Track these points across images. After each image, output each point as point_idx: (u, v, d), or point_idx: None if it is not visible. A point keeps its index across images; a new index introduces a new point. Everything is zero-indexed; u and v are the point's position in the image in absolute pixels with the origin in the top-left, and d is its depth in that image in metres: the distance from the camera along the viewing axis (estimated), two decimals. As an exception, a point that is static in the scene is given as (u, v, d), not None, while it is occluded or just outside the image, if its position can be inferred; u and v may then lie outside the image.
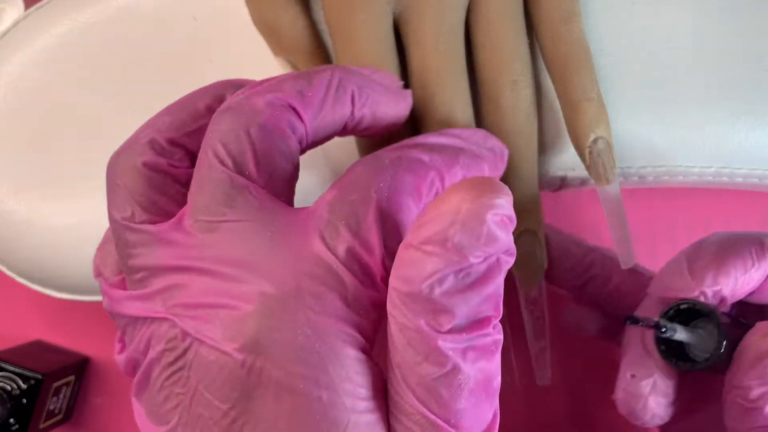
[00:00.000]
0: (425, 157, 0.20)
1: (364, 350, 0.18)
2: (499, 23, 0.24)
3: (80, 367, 0.33)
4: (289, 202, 0.20)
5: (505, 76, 0.24)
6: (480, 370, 0.17)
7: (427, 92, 0.24)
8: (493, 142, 0.23)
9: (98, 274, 0.21)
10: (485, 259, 0.16)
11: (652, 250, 0.33)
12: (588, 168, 0.24)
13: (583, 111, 0.24)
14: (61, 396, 0.32)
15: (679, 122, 0.26)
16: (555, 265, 0.27)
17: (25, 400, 0.29)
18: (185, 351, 0.18)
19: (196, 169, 0.19)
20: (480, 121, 0.25)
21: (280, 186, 0.19)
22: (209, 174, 0.19)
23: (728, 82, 0.26)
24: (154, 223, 0.19)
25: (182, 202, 0.20)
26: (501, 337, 0.18)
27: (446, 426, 0.17)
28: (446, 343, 0.16)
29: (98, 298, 0.29)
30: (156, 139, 0.20)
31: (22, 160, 0.28)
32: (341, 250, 0.18)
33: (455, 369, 0.17)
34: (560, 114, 0.26)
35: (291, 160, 0.20)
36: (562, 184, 0.27)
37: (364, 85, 0.21)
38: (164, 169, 0.20)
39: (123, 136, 0.27)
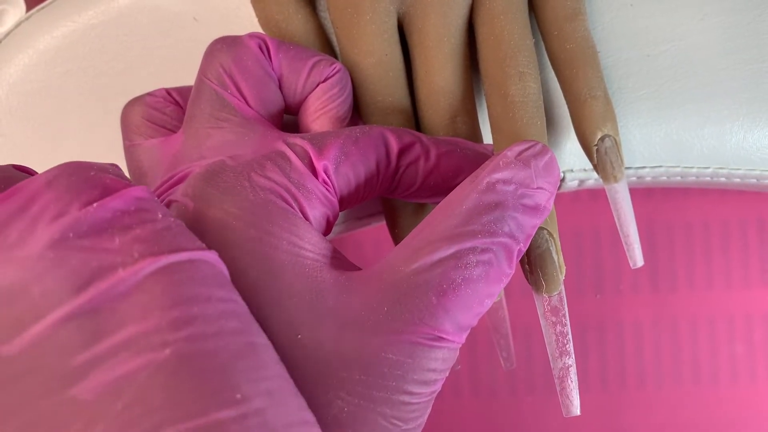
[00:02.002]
0: (417, 134, 0.23)
1: (303, 213, 0.20)
2: (504, 19, 0.24)
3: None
4: (276, 125, 0.23)
5: (512, 67, 0.24)
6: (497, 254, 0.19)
7: (432, 92, 0.25)
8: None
9: None
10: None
11: (650, 251, 0.33)
12: (595, 166, 0.24)
13: (590, 108, 0.24)
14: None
15: (677, 123, 0.26)
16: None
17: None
18: (163, 215, 0.21)
19: (192, 91, 0.23)
20: (488, 115, 0.25)
21: (267, 107, 0.23)
22: (202, 90, 0.22)
23: (726, 83, 0.26)
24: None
25: (178, 128, 0.23)
26: (510, 269, 0.20)
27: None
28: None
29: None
30: (155, 91, 0.24)
31: (24, 160, 0.28)
32: (297, 144, 0.21)
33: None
34: (557, 115, 0.27)
35: (277, 89, 0.23)
36: (560, 184, 0.28)
37: None
38: (161, 106, 0.24)
39: (124, 137, 0.27)
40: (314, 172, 0.20)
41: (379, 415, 0.18)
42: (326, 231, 0.21)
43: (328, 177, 0.21)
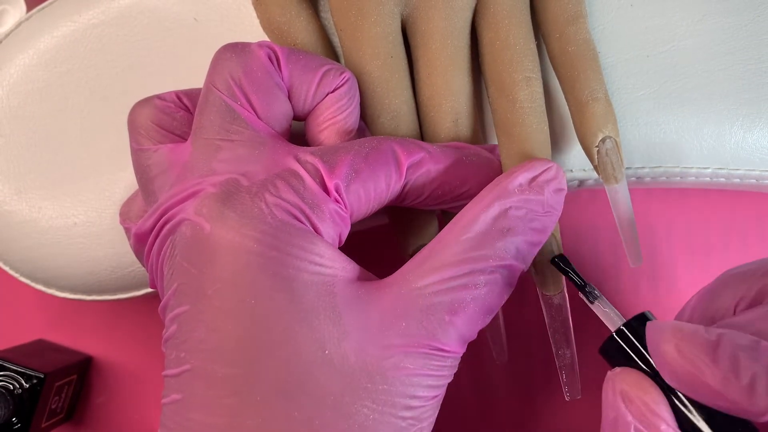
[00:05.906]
0: (425, 146, 0.23)
1: (317, 232, 0.21)
2: (508, 23, 0.24)
3: (82, 367, 0.33)
4: (285, 136, 0.23)
5: (519, 72, 0.24)
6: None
7: (435, 94, 0.25)
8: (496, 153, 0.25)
9: (124, 219, 0.24)
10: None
11: (650, 251, 0.33)
12: (596, 167, 0.24)
13: (591, 110, 0.24)
14: (63, 395, 0.32)
15: (677, 123, 0.26)
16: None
17: (27, 399, 0.30)
18: (174, 233, 0.21)
19: (199, 99, 0.23)
20: (493, 118, 0.25)
21: (276, 118, 0.23)
22: (211, 99, 0.22)
23: (726, 84, 0.26)
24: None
25: (187, 134, 0.23)
26: (512, 287, 0.21)
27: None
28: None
29: (100, 297, 0.29)
30: (165, 94, 0.24)
31: (24, 160, 0.28)
32: (308, 162, 0.21)
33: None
34: (560, 115, 0.27)
35: (286, 100, 0.23)
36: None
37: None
38: (171, 111, 0.23)
39: (124, 137, 0.27)
40: (326, 190, 0.21)
41: (400, 419, 0.20)
42: (339, 245, 0.22)
43: (340, 195, 0.21)
